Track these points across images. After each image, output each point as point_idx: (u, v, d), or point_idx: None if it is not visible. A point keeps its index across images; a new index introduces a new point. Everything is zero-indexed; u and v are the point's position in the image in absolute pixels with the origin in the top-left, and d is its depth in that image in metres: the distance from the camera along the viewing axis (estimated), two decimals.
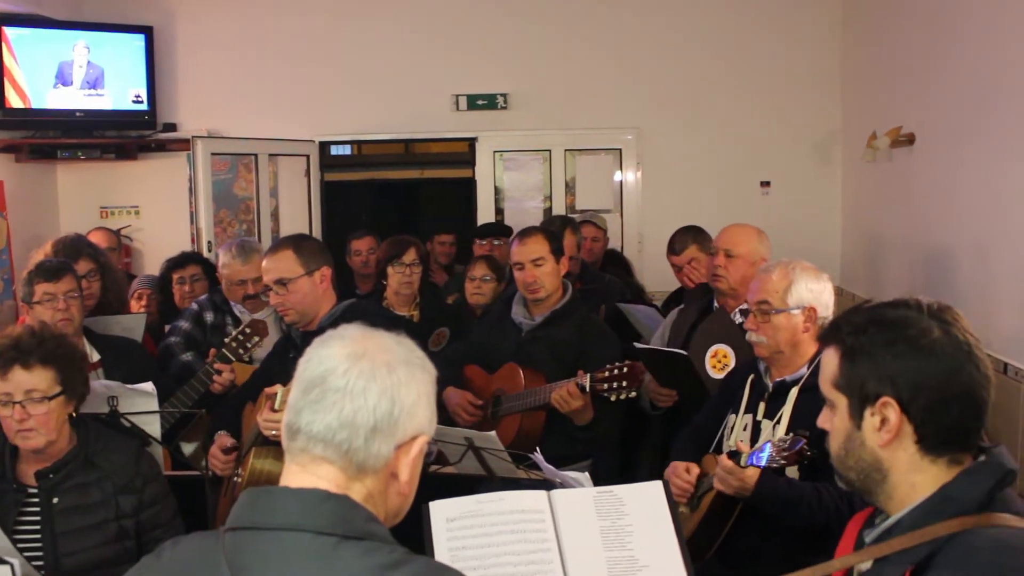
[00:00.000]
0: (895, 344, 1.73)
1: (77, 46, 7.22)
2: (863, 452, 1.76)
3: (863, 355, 1.75)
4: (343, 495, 1.53)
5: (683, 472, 3.27)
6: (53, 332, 3.19)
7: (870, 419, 1.75)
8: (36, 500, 3.00)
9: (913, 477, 1.73)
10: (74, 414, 3.08)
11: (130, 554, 3.06)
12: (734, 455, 3.03)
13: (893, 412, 1.72)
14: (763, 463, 2.89)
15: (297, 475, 1.57)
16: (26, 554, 2.90)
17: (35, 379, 2.96)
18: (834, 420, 1.82)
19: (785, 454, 2.83)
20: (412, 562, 1.48)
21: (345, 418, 1.53)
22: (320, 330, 3.61)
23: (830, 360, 1.82)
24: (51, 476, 3.01)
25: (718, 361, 4.08)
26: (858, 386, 1.75)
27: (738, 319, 4.13)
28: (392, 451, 1.57)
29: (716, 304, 4.34)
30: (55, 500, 2.99)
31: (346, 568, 1.45)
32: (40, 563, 2.94)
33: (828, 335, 1.84)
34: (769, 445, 2.90)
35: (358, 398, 1.54)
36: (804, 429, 2.89)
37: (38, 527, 2.97)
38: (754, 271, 4.17)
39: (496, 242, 6.09)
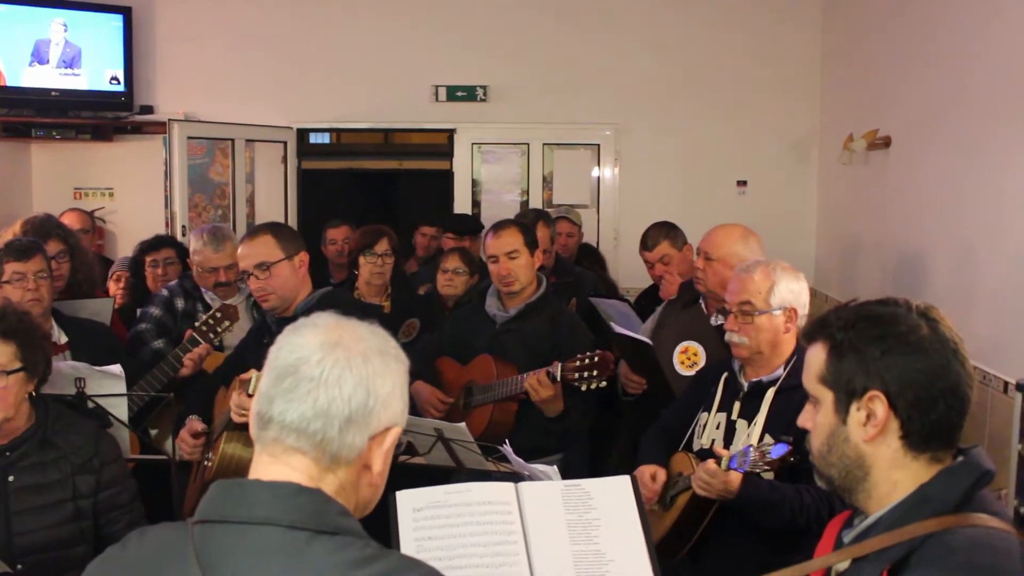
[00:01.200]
0: (884, 339, 1.73)
1: (54, 24, 7.15)
2: (847, 448, 1.76)
3: (852, 350, 1.75)
4: (316, 489, 1.50)
5: (649, 480, 3.27)
6: (16, 308, 3.17)
7: (856, 414, 1.75)
8: None
9: (895, 474, 1.74)
10: (34, 393, 3.05)
11: (86, 534, 3.05)
12: (710, 456, 3.03)
13: (881, 406, 1.72)
14: (746, 469, 2.89)
15: (268, 465, 1.54)
16: None
17: None
18: (817, 417, 1.81)
19: (769, 459, 2.83)
20: (385, 557, 1.46)
21: (320, 408, 1.50)
22: (295, 317, 3.61)
23: (816, 355, 1.81)
24: (7, 454, 2.98)
25: (687, 358, 4.07)
26: (846, 380, 1.75)
27: (717, 320, 4.10)
28: (366, 442, 1.55)
29: (702, 303, 4.31)
30: (11, 478, 2.97)
31: (318, 563, 1.43)
32: None
33: (815, 331, 1.84)
34: (751, 449, 2.90)
35: (333, 388, 1.51)
36: (786, 435, 2.90)
37: None
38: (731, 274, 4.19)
39: (461, 238, 6.03)
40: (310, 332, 1.57)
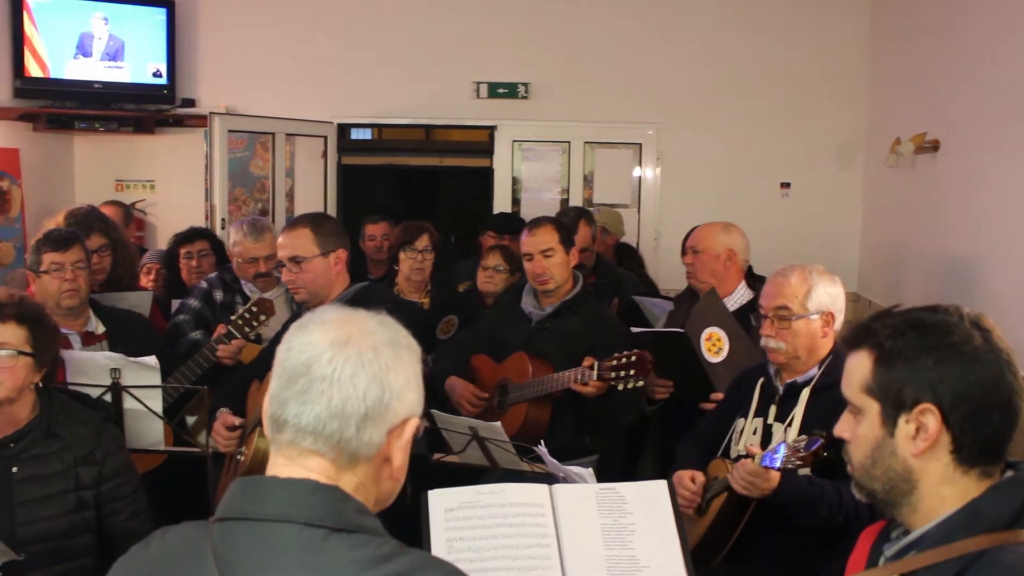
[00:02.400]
0: (937, 349, 1.66)
1: (95, 18, 7.19)
2: (893, 461, 1.70)
3: (902, 360, 1.68)
4: (334, 486, 1.48)
5: (688, 482, 3.22)
6: (34, 302, 3.21)
7: (905, 427, 1.68)
8: None
9: (943, 489, 1.67)
10: (40, 385, 3.08)
11: (88, 525, 3.08)
12: (746, 457, 2.97)
13: (933, 419, 1.65)
14: (777, 465, 2.83)
15: (285, 468, 1.52)
16: None
17: (8, 333, 2.98)
18: (859, 428, 1.74)
19: (801, 455, 2.77)
20: (403, 555, 1.44)
21: (335, 408, 1.48)
22: None
23: (860, 364, 1.74)
24: (11, 445, 3.00)
25: (713, 344, 4.03)
26: (895, 391, 1.68)
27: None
28: (384, 437, 1.53)
29: None
30: (14, 469, 2.99)
31: (334, 560, 1.41)
32: None
33: (859, 337, 1.76)
34: (783, 446, 2.84)
35: (347, 386, 1.49)
36: (821, 430, 2.84)
37: None
38: (720, 263, 4.26)
39: (495, 236, 5.97)
40: (318, 330, 1.54)
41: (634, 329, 4.21)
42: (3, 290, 3.15)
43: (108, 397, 3.55)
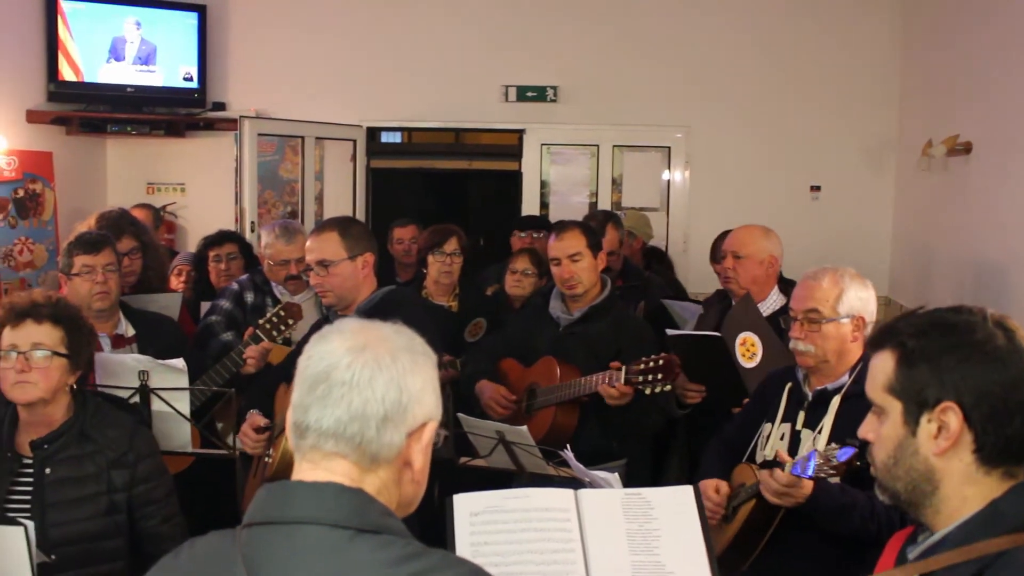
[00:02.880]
0: (960, 348, 1.66)
1: (128, 22, 7.26)
2: (915, 461, 1.69)
3: (924, 359, 1.68)
4: (358, 489, 1.52)
5: (712, 493, 3.18)
6: (69, 303, 3.22)
7: (927, 426, 1.67)
8: (29, 470, 3.01)
9: (965, 490, 1.66)
10: (74, 386, 3.09)
11: (120, 528, 3.07)
12: (773, 466, 2.94)
13: (955, 418, 1.64)
14: (809, 474, 2.80)
15: (309, 472, 1.55)
16: None
17: (43, 333, 3.00)
18: (882, 428, 1.74)
19: (834, 464, 2.73)
20: (427, 555, 1.47)
21: (355, 410, 1.52)
22: (358, 315, 3.60)
23: (884, 364, 1.74)
24: (45, 447, 3.01)
25: (747, 349, 4.00)
26: (917, 391, 1.68)
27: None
28: (404, 439, 1.56)
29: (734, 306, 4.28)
30: (47, 471, 2.99)
31: (361, 561, 1.44)
32: None
33: (883, 338, 1.76)
34: (815, 454, 2.81)
35: (365, 389, 1.53)
36: (852, 438, 2.81)
37: (29, 497, 2.98)
38: (763, 269, 4.21)
39: (536, 235, 6.03)
40: (336, 338, 1.59)
41: (669, 332, 4.19)
42: (40, 291, 3.17)
43: (136, 399, 3.57)
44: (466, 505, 2.42)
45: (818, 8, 7.53)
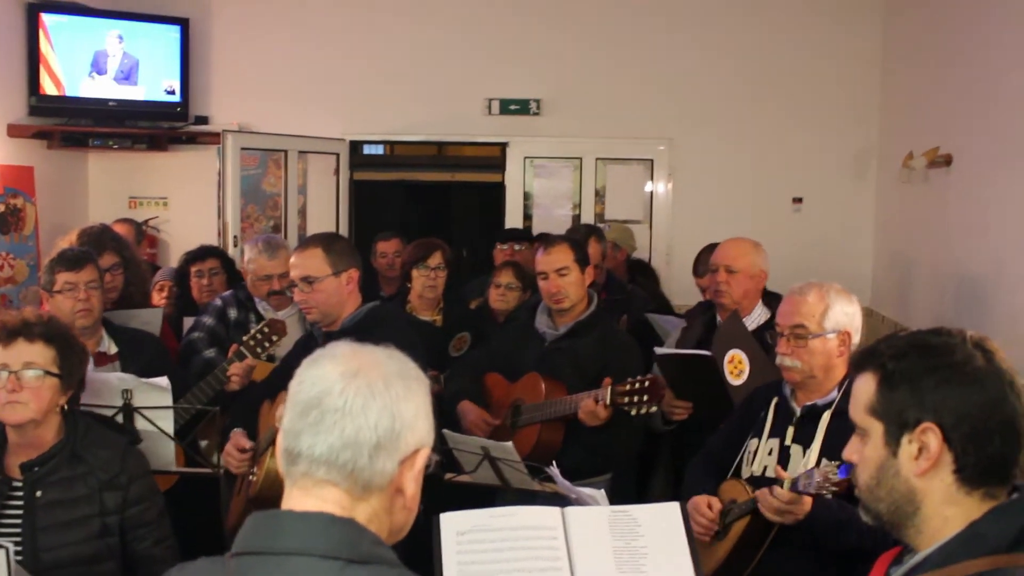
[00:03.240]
0: (939, 370, 1.68)
1: (110, 36, 7.23)
2: (897, 481, 1.70)
3: (904, 380, 1.69)
4: (349, 519, 1.50)
5: (705, 509, 3.18)
6: (63, 322, 3.17)
7: (907, 447, 1.69)
8: (20, 493, 2.95)
9: (946, 510, 1.68)
10: (66, 407, 3.03)
11: (112, 551, 3.01)
12: (763, 483, 2.94)
13: (934, 439, 1.66)
14: (811, 491, 2.81)
15: (300, 499, 1.54)
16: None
17: (35, 352, 2.94)
18: (865, 449, 1.75)
19: (835, 481, 2.74)
20: None
21: (348, 438, 1.51)
22: (343, 331, 3.60)
23: (866, 385, 1.75)
24: (36, 469, 2.95)
25: (734, 367, 4.02)
26: (897, 412, 1.69)
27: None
28: (396, 467, 1.55)
29: (719, 319, 4.31)
30: (38, 493, 2.93)
31: None
32: (19, 557, 2.87)
33: (864, 360, 1.78)
34: (816, 471, 2.81)
35: (358, 416, 1.51)
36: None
37: (20, 520, 2.92)
38: (754, 284, 4.23)
39: (517, 247, 6.04)
40: (328, 363, 1.57)
41: (658, 350, 4.20)
42: (31, 310, 3.11)
43: (120, 418, 3.55)
44: (453, 524, 2.42)
45: (799, 22, 7.58)
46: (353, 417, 1.51)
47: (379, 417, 1.52)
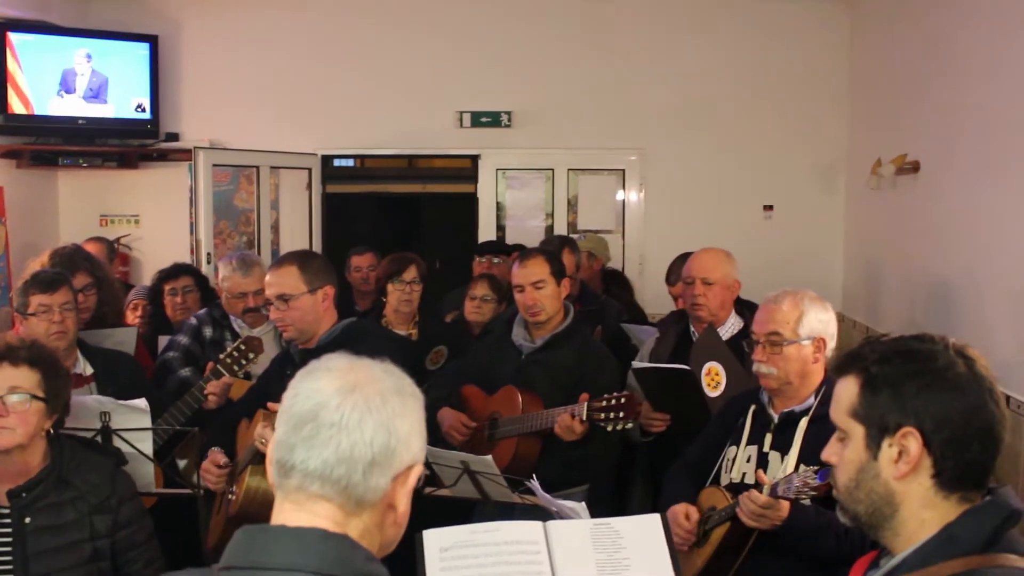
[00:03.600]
0: (921, 376, 1.70)
1: (78, 55, 7.20)
2: (876, 484, 1.73)
3: (887, 385, 1.72)
4: (342, 535, 1.49)
5: (683, 520, 3.21)
6: (43, 345, 3.15)
7: (888, 450, 1.71)
8: (8, 520, 2.92)
9: (923, 513, 1.71)
10: (51, 431, 3.02)
11: (104, 575, 3.00)
12: (742, 490, 2.97)
13: (915, 443, 1.69)
14: (791, 496, 2.84)
15: (293, 513, 1.52)
16: None
17: (21, 376, 2.92)
18: (845, 451, 1.78)
19: (814, 486, 2.77)
20: None
21: (342, 453, 1.49)
22: (319, 348, 3.60)
23: (848, 389, 1.78)
24: (23, 495, 2.93)
25: (712, 379, 4.05)
26: (879, 416, 1.72)
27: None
28: (390, 483, 1.54)
29: (692, 329, 4.34)
30: (27, 520, 2.91)
31: None
32: None
33: (848, 363, 1.80)
34: (795, 476, 2.85)
35: (354, 432, 1.50)
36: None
37: (9, 547, 2.90)
38: (730, 294, 4.26)
39: (495, 260, 6.06)
40: (325, 377, 1.55)
41: (635, 365, 4.22)
42: (13, 334, 3.10)
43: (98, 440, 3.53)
44: (436, 540, 2.42)
45: (768, 33, 7.65)
46: (349, 432, 1.49)
47: (375, 433, 1.51)
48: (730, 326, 4.27)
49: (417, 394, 1.62)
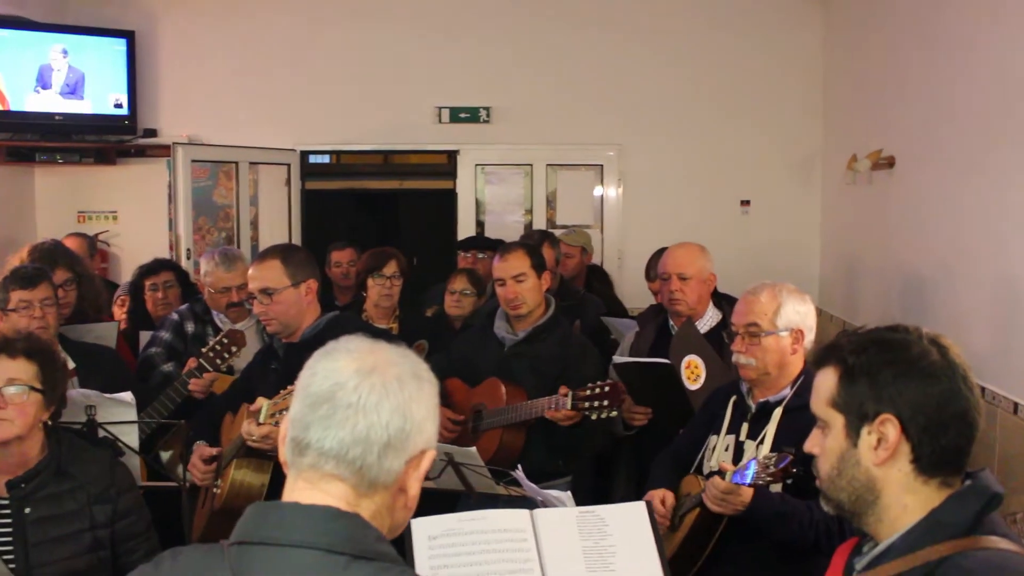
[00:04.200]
0: (896, 364, 1.75)
1: (54, 50, 7.16)
2: (857, 471, 1.77)
3: (864, 374, 1.76)
4: (354, 513, 1.51)
5: (658, 504, 3.26)
6: (43, 338, 3.18)
7: (867, 437, 1.76)
8: (8, 511, 2.93)
9: (905, 498, 1.75)
10: (49, 423, 3.03)
11: (104, 564, 3.01)
12: (717, 473, 3.02)
13: (893, 430, 1.73)
14: (748, 481, 2.89)
15: (305, 492, 1.53)
16: None
17: (18, 368, 2.93)
18: (826, 441, 1.82)
19: (771, 471, 2.83)
20: None
21: (359, 435, 1.50)
22: (303, 342, 3.61)
23: (827, 379, 1.82)
24: (23, 486, 2.94)
25: (692, 372, 4.08)
26: (857, 404, 1.76)
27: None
28: (403, 466, 1.55)
29: (671, 323, 4.37)
30: (27, 510, 2.93)
31: None
32: None
33: (826, 355, 1.85)
34: (754, 463, 2.90)
35: (371, 414, 1.51)
36: (789, 447, 2.90)
37: (10, 538, 2.91)
38: (706, 288, 4.30)
39: (480, 255, 6.07)
40: (343, 357, 1.56)
41: (616, 359, 4.26)
42: (13, 330, 3.10)
43: None
44: (424, 529, 2.45)
45: (743, 27, 7.71)
46: (366, 414, 1.51)
47: (391, 416, 1.52)
48: (709, 319, 4.32)
49: (433, 380, 1.63)
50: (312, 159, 8.04)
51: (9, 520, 2.93)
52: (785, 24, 7.72)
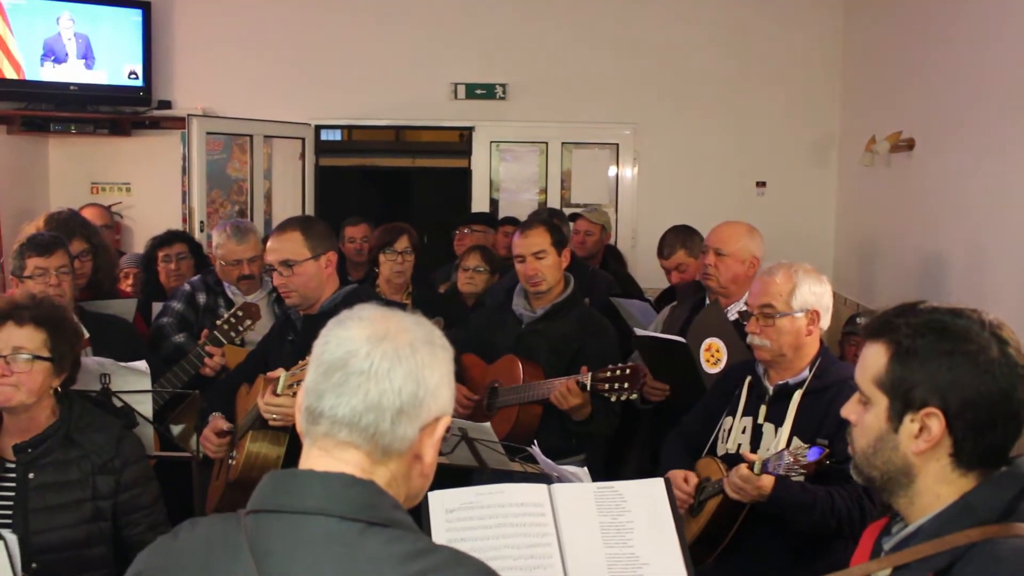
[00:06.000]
0: (952, 355, 1.68)
1: (69, 19, 7.14)
2: (894, 455, 1.73)
3: (917, 359, 1.70)
4: (369, 480, 1.50)
5: (682, 482, 3.23)
6: (54, 302, 3.15)
7: (909, 424, 1.70)
8: (13, 475, 2.94)
9: (939, 488, 1.71)
10: (59, 389, 3.02)
11: (104, 535, 3.00)
12: (736, 460, 3.00)
13: (937, 423, 1.68)
14: (780, 472, 2.87)
15: (320, 459, 1.53)
16: None
17: (25, 336, 2.92)
18: (866, 415, 1.77)
19: (804, 464, 2.80)
20: (437, 551, 1.47)
21: (371, 401, 1.50)
22: (321, 314, 3.59)
23: (876, 356, 1.75)
24: (29, 450, 2.94)
25: (711, 355, 4.04)
26: (905, 390, 1.70)
27: (732, 316, 4.10)
28: (417, 433, 1.54)
29: (708, 300, 4.31)
30: (31, 476, 2.93)
31: (371, 555, 1.43)
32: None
33: (879, 330, 1.77)
34: (786, 453, 2.87)
35: (383, 380, 1.50)
36: (815, 437, 2.88)
37: (11, 502, 2.91)
38: (744, 269, 4.17)
39: (476, 228, 6.08)
40: (356, 325, 1.56)
41: (637, 331, 4.22)
42: (21, 292, 3.10)
43: None
44: (441, 501, 2.43)
45: (762, 5, 7.65)
46: (378, 381, 1.50)
47: (404, 382, 1.51)
48: (742, 305, 4.26)
49: (447, 346, 1.62)
50: (324, 135, 8.02)
51: (13, 484, 2.93)
52: (805, 3, 7.65)
